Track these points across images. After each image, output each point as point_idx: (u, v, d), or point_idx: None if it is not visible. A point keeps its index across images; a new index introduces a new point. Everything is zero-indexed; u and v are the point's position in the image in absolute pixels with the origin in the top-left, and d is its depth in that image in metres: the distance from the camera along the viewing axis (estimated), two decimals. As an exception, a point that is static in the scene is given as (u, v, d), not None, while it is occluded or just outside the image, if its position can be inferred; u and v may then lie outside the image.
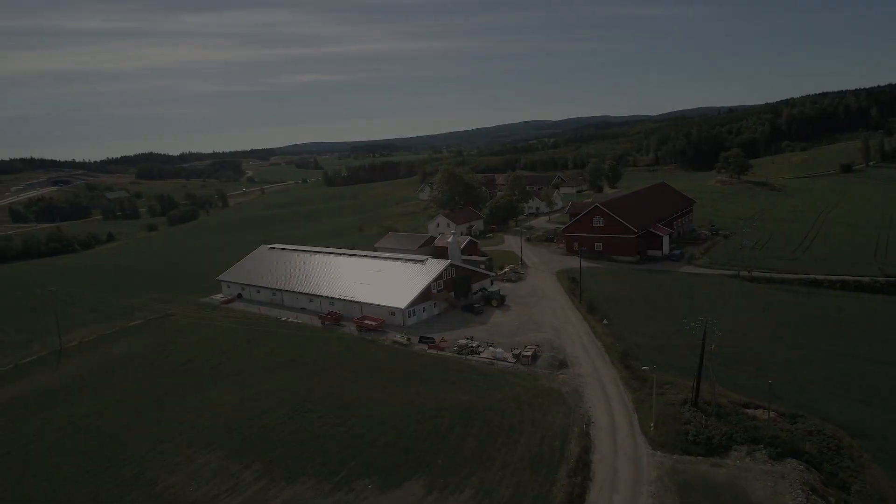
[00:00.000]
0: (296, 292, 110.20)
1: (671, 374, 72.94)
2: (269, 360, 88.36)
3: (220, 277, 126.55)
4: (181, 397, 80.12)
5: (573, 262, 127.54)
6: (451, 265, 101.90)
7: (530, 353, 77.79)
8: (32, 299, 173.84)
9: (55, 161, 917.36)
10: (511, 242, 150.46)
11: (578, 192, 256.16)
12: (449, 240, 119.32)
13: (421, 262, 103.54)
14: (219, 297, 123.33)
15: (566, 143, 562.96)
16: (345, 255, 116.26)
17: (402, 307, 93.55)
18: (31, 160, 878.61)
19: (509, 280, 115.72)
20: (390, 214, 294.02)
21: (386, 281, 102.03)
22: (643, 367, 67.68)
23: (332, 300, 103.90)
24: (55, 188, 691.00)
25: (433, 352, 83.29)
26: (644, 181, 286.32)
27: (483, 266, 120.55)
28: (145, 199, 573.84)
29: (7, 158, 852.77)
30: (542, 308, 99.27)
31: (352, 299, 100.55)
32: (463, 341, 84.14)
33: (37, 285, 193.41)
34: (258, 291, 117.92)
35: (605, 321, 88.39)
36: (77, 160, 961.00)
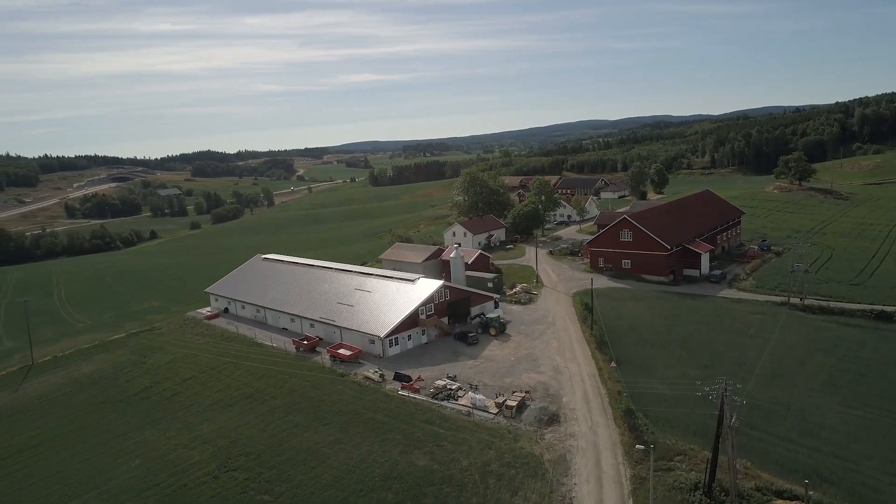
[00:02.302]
0: (278, 311, 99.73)
1: (687, 440, 58.50)
2: (226, 393, 78.08)
3: (209, 290, 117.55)
4: (119, 436, 70.96)
5: (596, 281, 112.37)
6: (444, 286, 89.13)
7: (515, 403, 64.37)
8: (46, 301, 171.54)
9: (117, 158, 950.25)
10: (533, 255, 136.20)
11: (620, 197, 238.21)
12: (451, 255, 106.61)
13: (411, 281, 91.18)
14: (206, 310, 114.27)
15: (619, 144, 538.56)
16: (336, 270, 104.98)
17: (381, 335, 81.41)
18: (95, 157, 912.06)
19: (518, 302, 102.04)
20: (423, 217, 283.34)
21: (371, 303, 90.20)
22: (638, 446, 53.24)
23: (312, 322, 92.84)
24: (114, 185, 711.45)
25: (405, 393, 70.86)
26: (696, 186, 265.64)
27: (490, 284, 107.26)
28: (193, 197, 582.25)
29: (73, 155, 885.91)
30: (547, 340, 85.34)
31: (332, 323, 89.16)
32: (441, 382, 71.34)
33: (49, 286, 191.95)
34: (243, 307, 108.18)
35: (613, 363, 73.84)
36: (138, 157, 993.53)
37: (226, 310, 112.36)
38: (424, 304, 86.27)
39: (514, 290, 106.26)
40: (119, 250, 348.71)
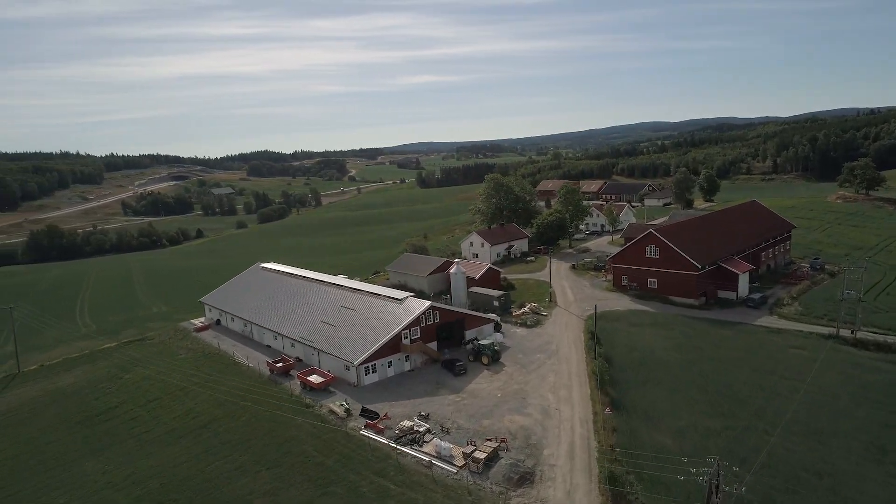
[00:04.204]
0: (263, 327, 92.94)
1: (687, 514, 47.68)
2: (182, 421, 71.51)
3: (204, 299, 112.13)
4: (57, 466, 65.47)
5: (617, 302, 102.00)
6: (432, 308, 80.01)
7: (485, 455, 54.82)
8: (67, 303, 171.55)
9: (178, 157, 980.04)
10: (555, 268, 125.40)
11: (665, 205, 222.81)
12: (452, 270, 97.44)
13: (398, 301, 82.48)
14: (198, 321, 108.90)
15: (675, 147, 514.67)
16: (327, 284, 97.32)
17: (355, 363, 73.08)
18: (157, 156, 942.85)
19: (524, 324, 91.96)
20: (460, 222, 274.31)
21: (352, 323, 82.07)
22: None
23: (293, 341, 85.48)
24: (172, 183, 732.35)
25: (367, 434, 62.28)
26: (752, 193, 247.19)
27: (496, 303, 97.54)
28: (243, 196, 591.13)
29: (137, 154, 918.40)
30: (544, 373, 75.10)
31: (310, 344, 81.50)
32: (408, 423, 62.37)
33: (79, 286, 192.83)
34: (233, 320, 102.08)
35: (608, 409, 63.16)
36: (199, 157, 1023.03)
37: (218, 321, 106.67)
38: (408, 327, 77.48)
39: (521, 311, 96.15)
40: (164, 248, 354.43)
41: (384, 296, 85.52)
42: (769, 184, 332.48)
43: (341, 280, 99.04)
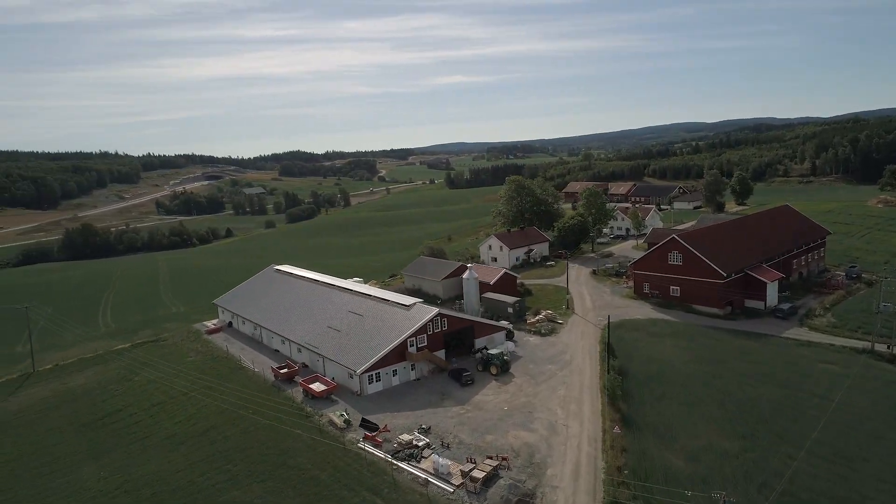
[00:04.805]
0: (271, 331, 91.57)
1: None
2: (183, 427, 70.50)
3: (218, 301, 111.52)
4: (56, 470, 65.39)
5: (637, 310, 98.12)
6: (439, 315, 77.41)
7: (483, 474, 52.02)
8: (91, 302, 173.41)
9: (213, 157, 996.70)
10: (575, 274, 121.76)
11: (695, 208, 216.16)
12: (465, 275, 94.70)
13: (405, 307, 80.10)
14: (211, 323, 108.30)
15: (709, 148, 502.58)
16: (337, 288, 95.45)
17: (358, 371, 70.93)
18: (192, 156, 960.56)
19: (538, 333, 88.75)
20: (485, 224, 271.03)
21: (359, 329, 80.00)
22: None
23: (300, 347, 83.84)
24: (206, 183, 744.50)
25: (365, 446, 60.00)
26: (788, 196, 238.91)
27: (511, 310, 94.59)
28: (274, 196, 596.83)
29: (172, 154, 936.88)
30: (554, 385, 71.91)
31: (315, 350, 79.69)
32: (407, 437, 59.93)
33: (107, 284, 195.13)
34: (244, 323, 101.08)
35: (616, 428, 59.70)
36: (233, 157, 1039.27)
37: (230, 323, 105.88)
38: (414, 335, 75.04)
39: (536, 318, 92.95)
40: (194, 247, 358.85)
41: (392, 301, 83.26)
42: (807, 186, 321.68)
43: (351, 284, 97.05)
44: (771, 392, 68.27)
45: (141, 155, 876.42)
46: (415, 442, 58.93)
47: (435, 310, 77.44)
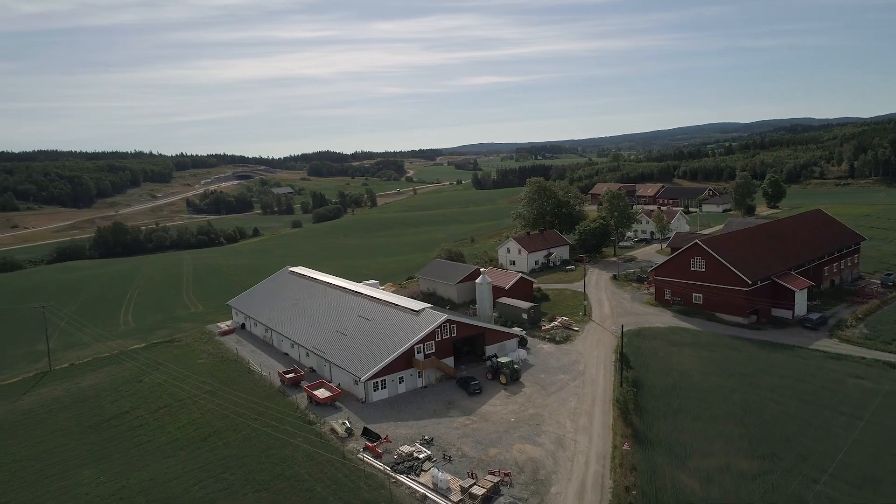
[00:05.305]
0: (282, 334, 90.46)
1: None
2: (185, 431, 69.51)
3: (231, 302, 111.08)
4: (55, 474, 64.70)
5: (657, 318, 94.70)
6: (448, 321, 75.20)
7: (483, 491, 49.74)
8: (114, 301, 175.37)
9: (244, 157, 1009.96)
10: (595, 279, 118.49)
11: (725, 211, 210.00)
12: (478, 280, 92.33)
13: (415, 312, 78.12)
14: (225, 324, 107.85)
15: (742, 149, 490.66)
16: (348, 291, 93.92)
17: (362, 378, 69.17)
18: (223, 156, 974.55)
19: (552, 340, 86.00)
20: (509, 225, 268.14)
21: (367, 334, 78.28)
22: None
23: (308, 351, 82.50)
24: (236, 182, 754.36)
25: (364, 457, 58.15)
26: (823, 199, 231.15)
27: (526, 316, 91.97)
28: (301, 196, 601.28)
29: (205, 154, 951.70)
30: (565, 396, 69.18)
31: (322, 355, 78.23)
32: (407, 448, 57.90)
33: (133, 282, 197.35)
34: (256, 325, 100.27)
35: (626, 444, 56.79)
36: (263, 157, 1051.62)
37: (243, 325, 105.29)
38: (422, 341, 73.00)
39: (549, 325, 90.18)
40: (221, 246, 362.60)
41: (401, 306, 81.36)
42: (844, 189, 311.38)
43: (363, 287, 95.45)
44: (795, 408, 64.52)
45: (174, 154, 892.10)
46: (415, 454, 56.88)
47: (444, 316, 75.24)
